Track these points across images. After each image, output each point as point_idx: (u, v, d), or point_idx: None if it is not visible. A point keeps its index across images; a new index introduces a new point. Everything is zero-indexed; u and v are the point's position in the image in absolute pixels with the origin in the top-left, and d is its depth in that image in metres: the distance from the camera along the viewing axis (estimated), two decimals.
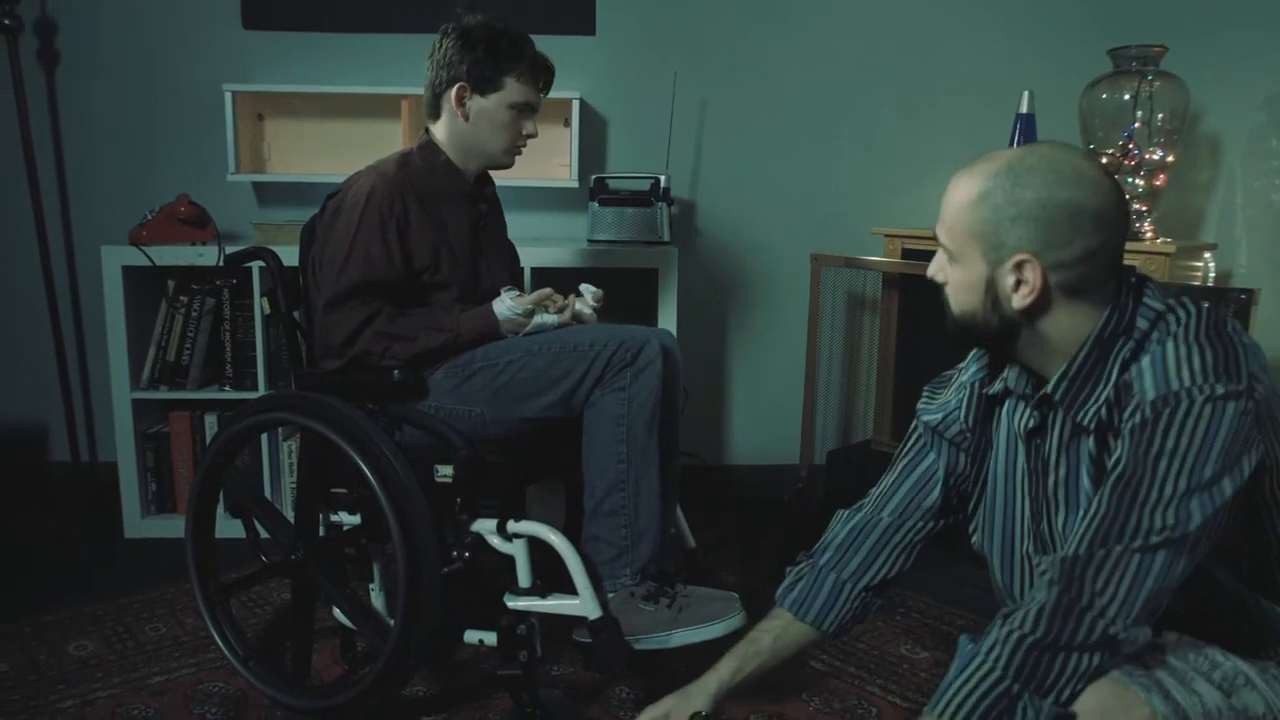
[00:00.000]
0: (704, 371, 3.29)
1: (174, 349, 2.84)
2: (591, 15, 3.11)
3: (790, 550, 1.67)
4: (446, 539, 1.77)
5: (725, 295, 3.29)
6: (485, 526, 1.81)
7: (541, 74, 2.03)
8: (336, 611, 2.01)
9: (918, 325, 2.85)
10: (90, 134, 3.12)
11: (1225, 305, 2.31)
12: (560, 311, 1.97)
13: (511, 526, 1.79)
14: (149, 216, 2.78)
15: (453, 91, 1.99)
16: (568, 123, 3.05)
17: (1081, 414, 1.27)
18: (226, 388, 2.87)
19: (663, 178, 2.96)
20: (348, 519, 1.94)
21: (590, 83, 3.13)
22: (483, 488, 1.82)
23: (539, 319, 1.93)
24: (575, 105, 2.98)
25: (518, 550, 1.79)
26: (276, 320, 2.50)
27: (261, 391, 2.80)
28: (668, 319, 2.85)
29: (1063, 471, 1.32)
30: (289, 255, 2.09)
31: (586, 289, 2.07)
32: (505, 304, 1.92)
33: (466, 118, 2.00)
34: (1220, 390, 1.14)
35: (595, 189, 3.00)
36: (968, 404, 1.45)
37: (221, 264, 2.74)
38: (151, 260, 2.73)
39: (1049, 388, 1.29)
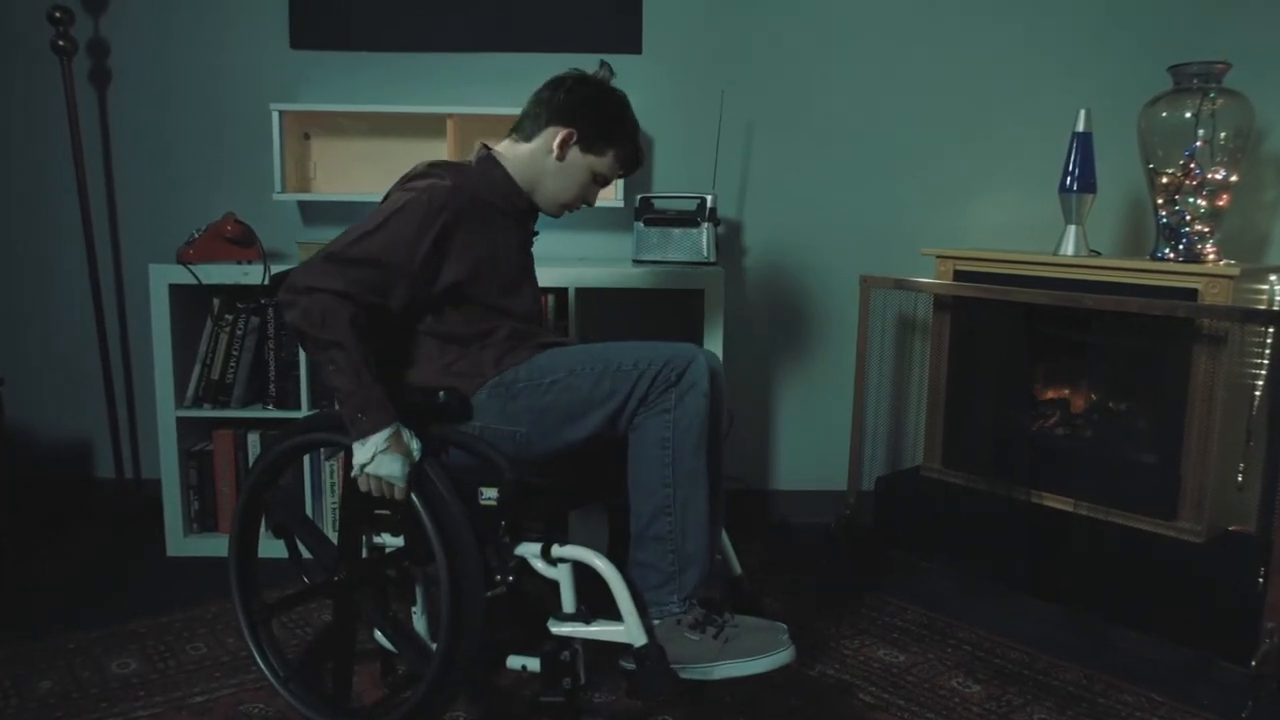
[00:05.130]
0: (750, 394, 3.25)
1: (218, 367, 2.85)
2: (638, 34, 3.10)
3: (838, 578, 1.62)
4: (490, 562, 1.74)
5: (772, 317, 3.25)
6: (529, 550, 1.77)
7: (634, 163, 2.12)
8: (378, 634, 2.00)
9: (970, 348, 2.78)
10: (139, 153, 3.15)
11: None
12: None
13: (556, 551, 1.75)
14: (196, 235, 2.80)
15: (562, 132, 1.98)
16: None
17: None
18: (269, 407, 2.87)
19: (709, 198, 2.93)
20: (390, 541, 1.92)
21: (636, 102, 3.05)
22: (527, 511, 1.79)
23: (392, 460, 1.72)
24: None
25: (562, 575, 1.75)
26: None
27: (305, 411, 2.79)
28: (714, 340, 2.81)
29: None
30: None
31: None
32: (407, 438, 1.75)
33: (561, 159, 2.00)
34: None
35: (641, 209, 2.98)
36: None
37: (267, 283, 2.74)
38: (198, 278, 2.74)
39: None
